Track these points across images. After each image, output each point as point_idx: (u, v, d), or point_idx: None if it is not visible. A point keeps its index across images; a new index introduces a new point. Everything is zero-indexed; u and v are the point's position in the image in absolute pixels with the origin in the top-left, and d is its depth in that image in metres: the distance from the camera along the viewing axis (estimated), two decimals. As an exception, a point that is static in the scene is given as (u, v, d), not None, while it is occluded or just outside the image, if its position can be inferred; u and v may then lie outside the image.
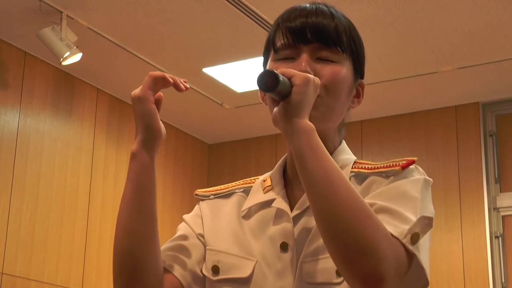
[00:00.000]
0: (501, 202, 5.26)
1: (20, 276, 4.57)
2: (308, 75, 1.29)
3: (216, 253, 1.41)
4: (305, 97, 1.27)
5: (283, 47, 1.41)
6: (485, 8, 4.23)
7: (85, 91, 5.22)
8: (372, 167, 1.39)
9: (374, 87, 5.19)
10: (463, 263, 5.15)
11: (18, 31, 4.54)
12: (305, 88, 1.27)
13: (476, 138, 5.36)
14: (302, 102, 1.26)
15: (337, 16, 1.43)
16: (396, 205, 1.28)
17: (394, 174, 1.35)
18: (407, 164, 1.37)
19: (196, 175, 6.11)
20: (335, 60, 1.41)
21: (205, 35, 4.60)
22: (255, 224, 1.42)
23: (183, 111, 5.70)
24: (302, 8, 1.42)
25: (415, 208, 1.29)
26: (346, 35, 1.43)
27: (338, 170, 1.24)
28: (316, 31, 1.39)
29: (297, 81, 1.26)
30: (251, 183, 1.51)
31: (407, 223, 1.25)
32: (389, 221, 1.25)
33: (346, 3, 4.09)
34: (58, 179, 4.91)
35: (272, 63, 1.43)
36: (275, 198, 1.42)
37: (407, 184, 1.33)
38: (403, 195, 1.30)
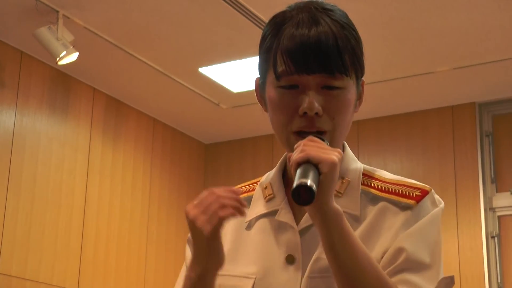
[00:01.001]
0: (497, 202, 5.27)
1: (16, 276, 4.56)
2: (334, 158, 1.23)
3: (219, 277, 1.38)
4: (333, 183, 1.24)
5: (285, 75, 1.35)
6: (482, 8, 4.23)
7: (82, 91, 5.21)
8: (382, 188, 1.39)
9: (370, 87, 5.17)
10: (459, 263, 5.15)
11: (14, 30, 4.53)
12: (333, 175, 1.23)
13: (473, 138, 5.36)
14: (330, 189, 1.24)
15: (338, 31, 1.36)
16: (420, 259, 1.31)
17: (409, 207, 1.36)
18: (422, 196, 1.37)
19: (193, 175, 6.10)
20: (340, 86, 1.37)
21: (201, 35, 4.60)
22: (258, 235, 1.41)
23: (179, 111, 5.70)
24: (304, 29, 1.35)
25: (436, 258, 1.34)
26: (350, 56, 1.38)
27: (367, 257, 1.26)
28: (320, 61, 1.33)
29: (325, 169, 1.22)
30: (251, 191, 1.48)
31: (431, 285, 1.30)
32: (414, 282, 1.29)
33: (342, 3, 4.07)
34: (54, 178, 4.90)
35: (274, 90, 1.38)
36: (278, 209, 1.40)
37: (427, 226, 1.35)
38: (425, 241, 1.33)
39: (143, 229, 5.52)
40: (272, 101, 1.38)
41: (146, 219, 5.56)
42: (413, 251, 1.30)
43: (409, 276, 1.28)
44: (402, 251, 1.30)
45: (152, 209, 5.63)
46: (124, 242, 5.35)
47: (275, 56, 1.36)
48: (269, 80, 1.40)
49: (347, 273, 1.24)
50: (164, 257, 5.63)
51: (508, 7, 4.22)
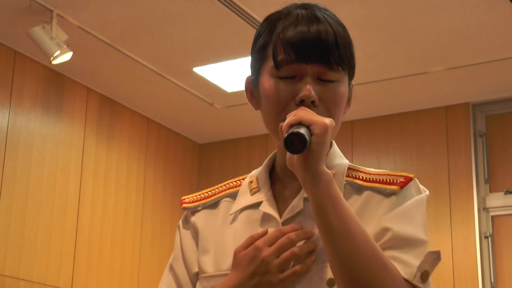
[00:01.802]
0: (490, 202, 5.28)
1: (10, 276, 4.55)
2: (326, 122, 1.27)
3: (210, 279, 1.41)
4: (324, 146, 1.27)
5: (284, 65, 1.37)
6: (475, 8, 4.24)
7: (75, 90, 5.20)
8: (367, 179, 1.40)
9: (364, 87, 5.20)
10: (453, 263, 5.16)
11: (8, 29, 4.52)
12: (325, 138, 1.26)
13: (466, 139, 5.37)
14: (321, 152, 1.26)
15: (335, 25, 1.41)
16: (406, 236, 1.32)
17: (393, 193, 1.37)
18: (405, 182, 1.38)
19: (187, 174, 6.10)
20: (336, 79, 1.40)
21: (195, 35, 4.60)
22: (242, 227, 1.42)
23: (173, 110, 5.70)
24: (302, 19, 1.39)
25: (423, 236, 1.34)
26: (346, 52, 1.41)
27: (357, 222, 1.27)
28: (319, 51, 1.36)
29: (317, 131, 1.26)
30: (237, 187, 1.50)
31: (416, 260, 1.31)
32: (401, 258, 1.30)
33: (337, 3, 4.09)
34: (48, 178, 4.90)
35: (270, 78, 1.39)
36: (262, 201, 1.41)
37: (412, 208, 1.36)
38: (410, 222, 1.34)
39: (137, 228, 5.52)
40: (267, 91, 1.39)
41: (140, 219, 5.56)
42: (399, 229, 1.31)
43: (395, 253, 1.29)
44: (387, 230, 1.31)
45: (146, 208, 5.63)
46: (118, 241, 5.35)
47: (275, 45, 1.38)
48: (264, 72, 1.41)
49: (337, 237, 1.24)
50: (158, 256, 5.63)
51: (501, 7, 4.23)
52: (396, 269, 1.27)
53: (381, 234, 1.32)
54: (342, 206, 1.26)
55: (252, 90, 1.46)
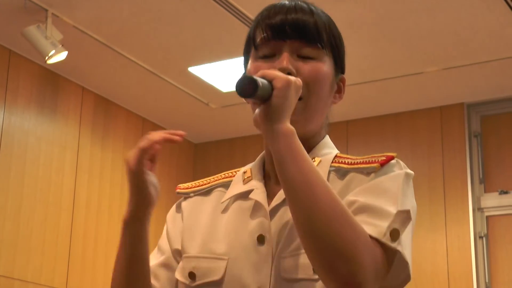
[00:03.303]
0: (485, 202, 5.29)
1: (4, 275, 4.55)
2: (289, 77, 1.27)
3: (191, 260, 1.42)
4: (286, 101, 1.26)
5: (263, 44, 1.41)
6: (470, 9, 4.24)
7: (70, 90, 5.20)
8: (352, 162, 1.40)
9: (359, 87, 5.20)
10: (447, 263, 5.17)
11: (3, 29, 4.51)
12: (286, 92, 1.26)
13: (461, 139, 5.38)
14: (283, 106, 1.25)
15: (317, 12, 1.43)
16: (375, 203, 1.28)
17: (373, 171, 1.36)
18: (386, 160, 1.37)
19: (182, 174, 6.10)
20: (316, 57, 1.40)
21: (191, 34, 4.59)
22: (233, 215, 1.43)
23: (169, 110, 5.69)
24: (281, 5, 1.42)
25: (394, 205, 1.29)
26: (326, 31, 1.42)
27: (317, 174, 1.24)
28: (296, 27, 1.39)
29: (278, 84, 1.25)
30: (231, 177, 1.52)
31: (386, 221, 1.26)
32: (368, 221, 1.26)
33: (331, 3, 4.09)
34: (43, 178, 4.89)
35: (252, 62, 1.43)
36: (253, 189, 1.42)
37: (387, 181, 1.33)
38: (383, 193, 1.31)
39: (131, 228, 5.51)
40: (249, 72, 1.42)
41: (135, 219, 5.55)
42: (365, 200, 1.29)
43: (362, 217, 1.26)
44: (354, 202, 1.29)
45: (141, 208, 5.62)
46: (113, 241, 5.34)
47: (254, 28, 1.44)
48: (250, 59, 1.44)
49: (298, 189, 1.22)
50: (153, 257, 5.62)
51: (496, 8, 4.23)
52: (361, 226, 1.22)
53: (348, 205, 1.28)
54: (303, 159, 1.24)
55: None
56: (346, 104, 5.68)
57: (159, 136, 1.41)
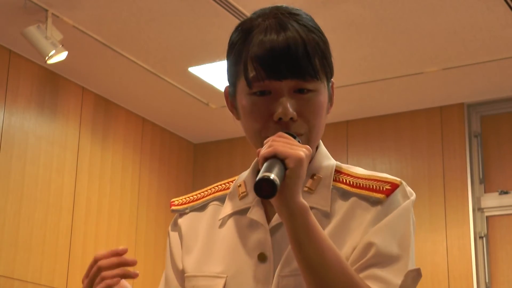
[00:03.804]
0: (485, 202, 5.29)
1: (4, 276, 4.54)
2: (300, 154, 1.24)
3: (191, 279, 1.42)
4: (300, 178, 1.25)
5: (256, 81, 1.35)
6: (470, 9, 4.24)
7: (70, 90, 5.20)
8: (353, 184, 1.39)
9: (359, 87, 5.20)
10: (447, 263, 5.17)
11: (3, 29, 4.51)
12: (300, 171, 1.24)
13: (461, 139, 5.38)
14: (296, 184, 1.24)
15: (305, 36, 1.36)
16: (389, 253, 1.31)
17: (379, 202, 1.36)
18: (392, 190, 1.36)
19: (181, 174, 6.10)
20: (313, 89, 1.37)
21: (191, 34, 4.59)
22: (230, 232, 1.42)
23: (168, 110, 5.69)
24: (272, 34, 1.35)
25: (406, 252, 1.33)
26: (319, 56, 1.37)
27: (333, 251, 1.26)
28: (291, 66, 1.33)
29: (291, 164, 1.23)
30: (225, 190, 1.50)
31: (398, 277, 1.30)
32: (382, 277, 1.29)
33: (331, 3, 4.09)
34: (43, 178, 4.89)
35: (246, 97, 1.38)
36: (250, 206, 1.41)
37: (397, 219, 1.35)
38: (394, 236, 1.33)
39: (131, 228, 5.51)
40: (245, 109, 1.39)
41: (135, 219, 5.55)
42: (382, 245, 1.31)
43: (377, 271, 1.29)
44: (372, 246, 1.31)
45: (141, 208, 5.62)
46: (113, 241, 5.34)
47: (246, 63, 1.37)
48: (240, 87, 1.40)
49: (314, 269, 1.24)
50: (153, 257, 5.62)
51: (496, 8, 4.23)
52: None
53: (366, 249, 1.31)
54: (319, 238, 1.25)
55: (232, 101, 1.47)
56: (346, 104, 5.70)
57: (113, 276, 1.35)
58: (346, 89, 5.20)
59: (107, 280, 1.32)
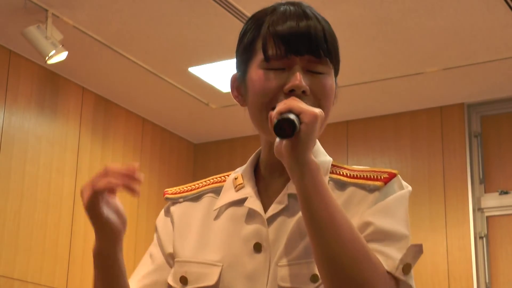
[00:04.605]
0: (485, 202, 5.29)
1: (4, 276, 4.55)
2: (315, 111, 1.27)
3: (183, 264, 1.42)
4: (313, 135, 1.27)
5: (274, 57, 1.38)
6: (471, 9, 4.24)
7: (70, 90, 5.20)
8: (351, 175, 1.41)
9: (359, 87, 5.20)
10: (448, 263, 5.16)
11: (3, 29, 4.51)
12: (314, 127, 1.26)
13: (461, 139, 5.38)
14: (309, 140, 1.26)
15: (322, 21, 1.41)
16: (390, 229, 1.32)
17: (377, 189, 1.37)
18: (389, 178, 1.38)
19: (182, 174, 6.10)
20: (324, 72, 1.40)
21: (191, 35, 4.59)
22: (226, 223, 1.42)
23: (168, 110, 5.69)
24: (290, 13, 1.40)
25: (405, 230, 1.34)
26: (333, 43, 1.41)
27: (342, 212, 1.27)
28: (309, 43, 1.37)
29: (306, 119, 1.26)
30: (221, 182, 1.51)
31: (399, 252, 1.31)
32: (384, 251, 1.30)
33: (331, 4, 4.09)
34: (43, 178, 4.89)
35: (259, 71, 1.39)
36: (247, 197, 1.42)
37: (396, 204, 1.37)
38: (392, 217, 1.34)
39: (132, 229, 5.51)
40: (255, 82, 1.39)
41: (135, 219, 5.55)
42: (380, 223, 1.32)
43: (377, 246, 1.29)
44: (369, 224, 1.32)
45: (141, 209, 5.62)
46: (113, 241, 5.33)
47: (265, 40, 1.39)
48: (253, 66, 1.41)
49: (322, 226, 1.24)
50: (153, 257, 5.62)
51: (496, 8, 4.23)
52: (379, 261, 1.27)
53: (363, 227, 1.32)
54: (329, 196, 1.26)
55: (239, 86, 1.47)
56: (346, 104, 5.70)
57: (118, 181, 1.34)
58: (346, 89, 5.20)
59: (111, 179, 1.32)
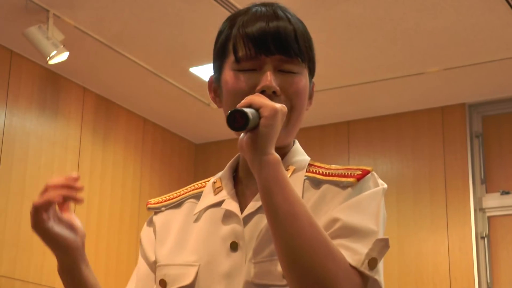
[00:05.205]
0: (486, 202, 5.29)
1: (5, 276, 4.55)
2: (276, 105, 1.28)
3: (163, 268, 1.44)
4: (273, 129, 1.27)
5: (245, 58, 1.40)
6: (471, 9, 4.24)
7: (72, 90, 5.20)
8: (326, 173, 1.41)
9: (360, 87, 5.20)
10: (449, 263, 5.16)
11: (4, 29, 4.52)
12: (273, 121, 1.26)
13: (462, 139, 5.38)
14: (269, 134, 1.26)
15: (294, 21, 1.43)
16: (357, 225, 1.31)
17: (350, 185, 1.37)
18: (363, 175, 1.38)
19: (183, 175, 6.10)
20: (296, 71, 1.41)
21: (192, 35, 4.59)
22: (205, 225, 1.43)
23: (169, 110, 5.69)
24: (261, 16, 1.41)
25: (374, 228, 1.32)
26: (305, 43, 1.43)
27: (302, 205, 1.26)
28: (278, 42, 1.39)
29: (265, 113, 1.26)
30: (201, 188, 1.53)
31: (365, 247, 1.28)
32: (349, 246, 1.28)
33: (331, 4, 4.09)
34: (44, 178, 4.89)
35: (231, 73, 1.42)
36: (225, 199, 1.43)
37: (367, 200, 1.35)
38: (364, 213, 1.33)
39: (133, 229, 5.51)
40: (228, 83, 1.42)
41: (136, 220, 5.56)
42: (348, 219, 1.31)
43: (343, 241, 1.28)
44: (337, 220, 1.31)
45: (142, 209, 5.62)
46: (114, 242, 5.34)
47: (235, 41, 1.41)
48: (226, 68, 1.44)
49: (282, 218, 1.24)
50: (154, 257, 5.62)
51: (497, 8, 4.23)
52: (342, 255, 1.25)
53: (331, 223, 1.31)
54: (288, 189, 1.26)
55: (215, 88, 1.50)
56: (347, 104, 5.70)
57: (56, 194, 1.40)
58: (347, 90, 5.20)
59: (49, 193, 1.37)
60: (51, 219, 1.40)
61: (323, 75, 4.99)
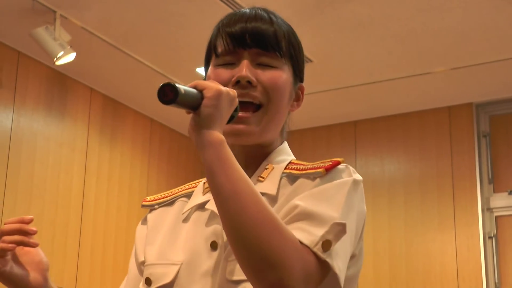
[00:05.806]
0: (494, 202, 5.28)
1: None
2: (220, 87, 1.28)
3: (150, 267, 1.46)
4: (216, 110, 1.27)
5: (223, 53, 1.44)
6: (478, 8, 4.24)
7: (79, 91, 5.21)
8: (303, 168, 1.41)
9: (367, 87, 5.19)
10: (457, 263, 5.16)
11: (12, 30, 4.53)
12: (216, 101, 1.27)
13: (470, 139, 5.37)
14: (212, 115, 1.27)
15: (276, 21, 1.46)
16: (315, 210, 1.29)
17: (319, 176, 1.37)
18: (332, 166, 1.38)
19: (190, 175, 6.10)
20: (275, 66, 1.43)
21: (198, 35, 4.60)
22: (192, 225, 1.46)
23: (176, 111, 5.66)
24: (242, 13, 1.46)
25: (334, 214, 1.30)
26: (285, 40, 1.45)
27: (247, 183, 1.25)
28: (255, 36, 1.42)
29: (208, 94, 1.27)
30: (194, 187, 1.54)
31: (320, 230, 1.27)
32: (304, 228, 1.27)
33: (339, 3, 4.09)
34: (52, 179, 4.90)
35: (212, 69, 1.46)
36: (210, 199, 1.44)
37: (332, 188, 1.34)
38: (325, 200, 1.32)
39: (140, 229, 5.52)
40: (209, 78, 1.45)
41: (144, 220, 5.56)
42: (307, 205, 1.29)
43: (299, 224, 1.27)
44: (296, 207, 1.30)
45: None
46: (122, 242, 5.35)
47: (215, 38, 1.47)
48: (211, 66, 1.48)
49: (225, 197, 1.23)
50: (162, 258, 5.63)
51: (504, 7, 4.22)
52: (291, 232, 1.23)
53: (290, 210, 1.30)
54: (232, 168, 1.25)
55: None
56: (354, 104, 5.70)
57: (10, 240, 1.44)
58: (354, 89, 5.20)
59: (2, 242, 1.41)
60: (9, 263, 1.45)
61: (330, 75, 4.99)
